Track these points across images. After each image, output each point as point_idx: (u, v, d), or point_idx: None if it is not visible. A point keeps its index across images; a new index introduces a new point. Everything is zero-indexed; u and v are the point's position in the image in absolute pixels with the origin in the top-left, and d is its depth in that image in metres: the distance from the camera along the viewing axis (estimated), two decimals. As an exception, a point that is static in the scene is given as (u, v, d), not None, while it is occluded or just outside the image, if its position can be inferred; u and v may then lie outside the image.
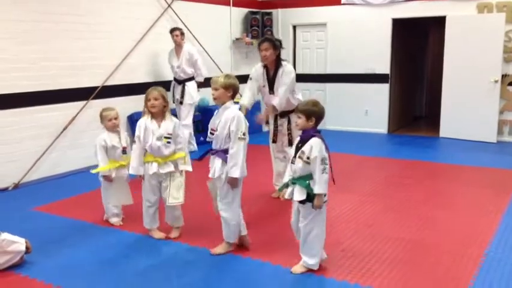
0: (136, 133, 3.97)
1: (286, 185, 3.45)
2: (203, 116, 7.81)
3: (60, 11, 6.03)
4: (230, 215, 3.71)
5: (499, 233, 4.10)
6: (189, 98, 7.15)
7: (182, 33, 7.13)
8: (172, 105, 6.88)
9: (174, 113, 6.49)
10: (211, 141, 3.72)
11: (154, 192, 4.05)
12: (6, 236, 3.54)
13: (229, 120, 3.58)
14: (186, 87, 7.15)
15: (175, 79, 7.24)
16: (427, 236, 4.08)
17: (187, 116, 7.17)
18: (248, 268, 3.54)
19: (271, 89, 4.84)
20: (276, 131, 5.01)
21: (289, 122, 4.90)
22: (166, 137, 3.92)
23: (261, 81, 4.90)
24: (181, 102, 7.16)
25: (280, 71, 4.76)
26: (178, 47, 7.14)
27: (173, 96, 7.21)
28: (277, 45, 4.74)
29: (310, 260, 3.42)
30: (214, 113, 3.75)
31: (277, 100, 4.74)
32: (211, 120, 3.72)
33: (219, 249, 3.78)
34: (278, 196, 5.01)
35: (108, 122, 4.32)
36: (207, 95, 7.08)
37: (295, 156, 3.34)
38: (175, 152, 3.99)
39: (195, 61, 7.17)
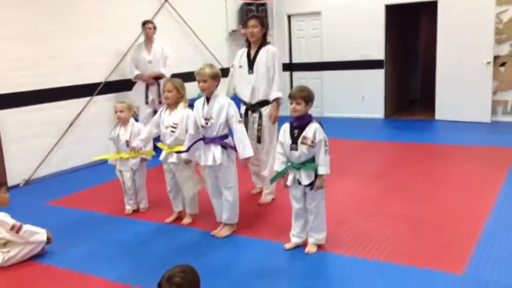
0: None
1: (281, 174, 3.58)
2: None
3: (60, 10, 6.16)
4: (234, 197, 3.93)
5: (497, 207, 4.29)
6: None
7: (155, 27, 6.81)
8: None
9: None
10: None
11: (167, 177, 4.28)
12: (28, 227, 3.70)
13: (224, 107, 3.76)
14: (161, 85, 6.59)
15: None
16: (427, 213, 4.26)
17: None
18: (260, 247, 3.73)
19: (251, 68, 4.59)
20: (247, 127, 4.55)
21: (260, 117, 4.61)
22: (171, 126, 4.09)
23: (237, 63, 4.71)
24: (160, 102, 6.68)
25: (264, 50, 4.58)
26: (148, 41, 6.79)
27: (146, 97, 6.74)
28: (264, 23, 4.64)
29: (320, 235, 3.62)
30: (197, 104, 3.87)
31: (276, 91, 4.54)
32: (199, 112, 3.84)
33: (225, 231, 3.98)
34: (259, 192, 4.96)
35: (115, 113, 4.52)
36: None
37: (295, 143, 3.46)
38: (178, 144, 4.12)
39: (166, 56, 6.83)
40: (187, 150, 3.96)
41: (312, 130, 3.44)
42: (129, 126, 4.56)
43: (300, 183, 3.51)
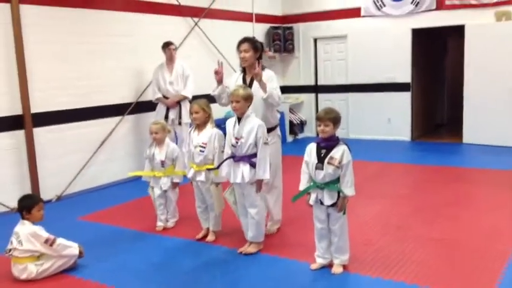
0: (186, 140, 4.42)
1: (303, 193, 3.62)
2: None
3: (94, 32, 6.41)
4: (260, 216, 4.00)
5: (526, 232, 4.25)
6: (187, 117, 6.51)
7: (176, 47, 6.89)
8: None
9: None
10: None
11: (197, 194, 4.39)
12: (61, 241, 3.82)
13: (255, 127, 3.87)
14: (181, 106, 6.77)
15: (166, 98, 6.75)
16: (455, 236, 4.24)
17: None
18: (286, 267, 3.76)
19: None
20: None
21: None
22: (200, 146, 4.21)
23: (232, 88, 4.28)
24: (179, 123, 6.75)
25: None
26: (170, 61, 6.79)
27: (166, 117, 6.64)
28: (257, 47, 4.36)
29: (345, 256, 3.64)
30: (228, 123, 3.98)
31: (267, 92, 4.15)
32: (231, 131, 3.94)
33: (251, 248, 4.04)
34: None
35: (150, 134, 4.67)
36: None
37: (321, 163, 3.50)
38: (206, 163, 4.22)
39: (187, 76, 6.80)
40: (217, 167, 4.08)
41: (340, 152, 3.48)
42: (165, 146, 4.71)
43: (322, 203, 3.55)
